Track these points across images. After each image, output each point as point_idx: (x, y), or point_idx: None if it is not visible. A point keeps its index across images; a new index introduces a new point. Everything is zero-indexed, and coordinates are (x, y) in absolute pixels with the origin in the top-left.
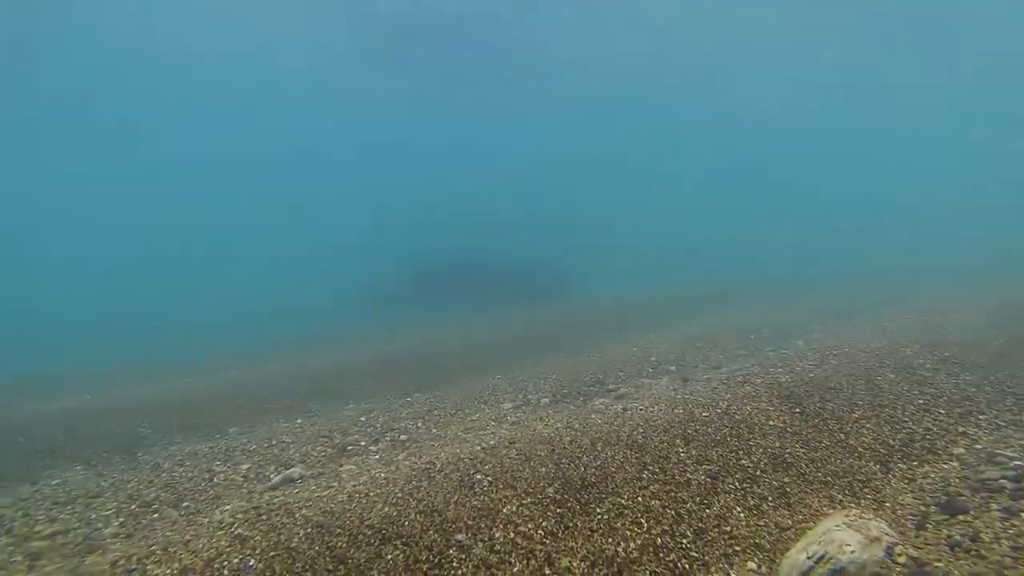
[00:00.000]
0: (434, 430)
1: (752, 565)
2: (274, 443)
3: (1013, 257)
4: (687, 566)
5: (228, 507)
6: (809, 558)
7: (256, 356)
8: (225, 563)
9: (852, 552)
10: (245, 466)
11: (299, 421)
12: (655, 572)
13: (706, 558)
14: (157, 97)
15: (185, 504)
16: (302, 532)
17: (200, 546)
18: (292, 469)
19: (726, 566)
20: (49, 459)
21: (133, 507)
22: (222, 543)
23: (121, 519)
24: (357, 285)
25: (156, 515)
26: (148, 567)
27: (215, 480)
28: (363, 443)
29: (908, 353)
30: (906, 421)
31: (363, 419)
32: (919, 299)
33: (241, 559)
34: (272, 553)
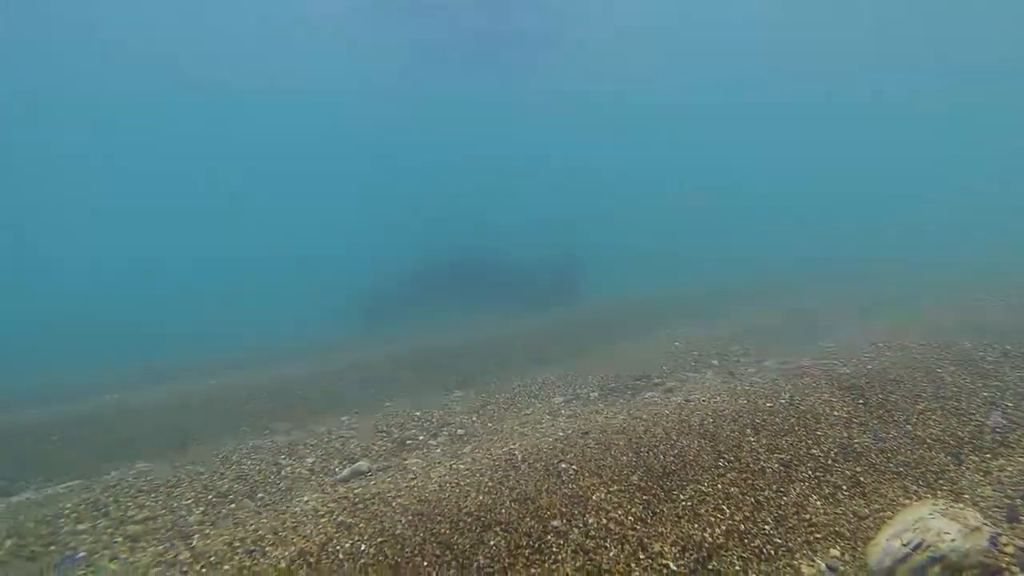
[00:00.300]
0: (490, 424)
1: (835, 552)
2: (334, 438)
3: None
4: (772, 552)
5: (307, 497)
6: (904, 545)
7: (271, 358)
8: (338, 547)
9: (952, 540)
10: (310, 460)
11: (344, 419)
12: (743, 557)
13: (789, 544)
14: (159, 99)
15: (260, 495)
16: (403, 519)
17: (309, 531)
18: (359, 462)
19: (810, 552)
20: (106, 453)
21: (210, 497)
22: (329, 529)
23: (202, 508)
24: (371, 286)
25: (233, 505)
26: (266, 548)
27: (283, 473)
28: (421, 437)
29: (967, 346)
30: (973, 413)
31: (418, 414)
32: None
33: (352, 544)
34: (380, 539)
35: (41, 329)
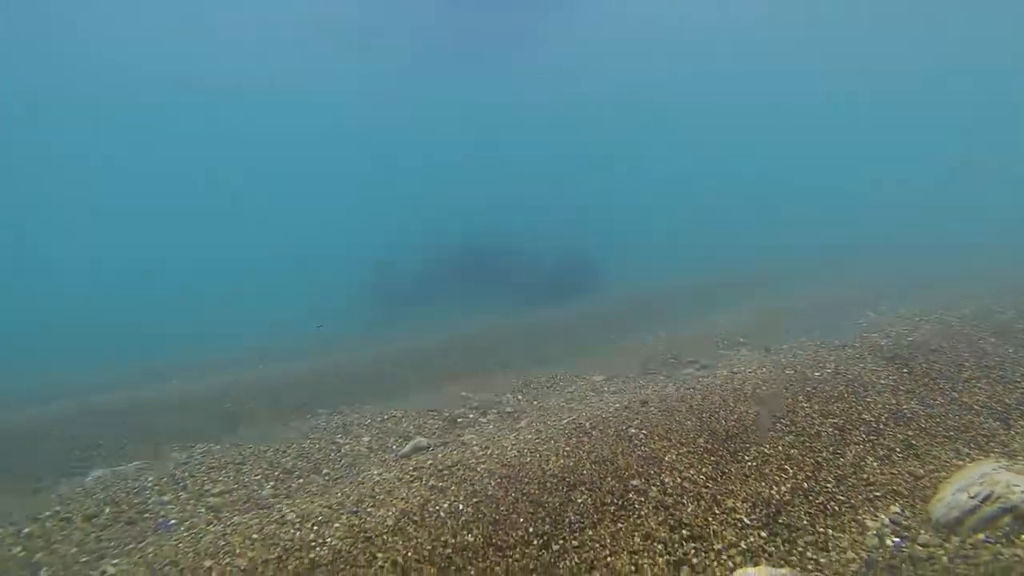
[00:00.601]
0: (535, 402)
1: (896, 508)
2: (386, 418)
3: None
4: (836, 508)
5: (375, 471)
6: (972, 498)
7: (270, 358)
8: (438, 507)
9: (1023, 492)
10: (366, 438)
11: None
12: (809, 513)
13: (852, 501)
14: (159, 99)
15: (325, 471)
16: (492, 482)
17: (404, 494)
18: (417, 439)
19: (872, 509)
20: (162, 439)
21: (277, 473)
22: (423, 492)
23: (272, 483)
24: (372, 286)
25: (301, 480)
26: (368, 509)
27: (342, 451)
28: (471, 415)
29: (1006, 318)
30: (1018, 381)
31: (463, 393)
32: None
33: (450, 504)
34: (475, 499)
35: (41, 329)
